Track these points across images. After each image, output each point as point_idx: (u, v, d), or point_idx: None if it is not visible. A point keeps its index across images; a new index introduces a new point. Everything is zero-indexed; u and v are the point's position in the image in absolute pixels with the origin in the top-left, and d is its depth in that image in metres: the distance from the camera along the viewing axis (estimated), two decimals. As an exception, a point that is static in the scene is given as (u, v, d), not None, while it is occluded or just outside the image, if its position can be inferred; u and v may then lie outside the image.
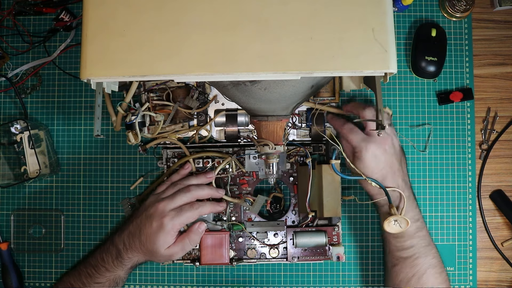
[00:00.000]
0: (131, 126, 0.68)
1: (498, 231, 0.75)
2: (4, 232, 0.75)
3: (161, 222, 0.63)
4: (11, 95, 0.76)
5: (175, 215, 0.63)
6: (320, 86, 0.62)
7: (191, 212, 0.64)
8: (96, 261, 0.66)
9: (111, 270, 0.65)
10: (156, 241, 0.63)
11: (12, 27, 0.76)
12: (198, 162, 0.71)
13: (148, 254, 0.65)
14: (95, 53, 0.52)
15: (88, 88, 0.76)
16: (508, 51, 0.77)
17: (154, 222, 0.63)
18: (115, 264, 0.65)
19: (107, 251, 0.66)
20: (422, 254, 0.64)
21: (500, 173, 0.76)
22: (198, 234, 0.66)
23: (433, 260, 0.65)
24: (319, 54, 0.51)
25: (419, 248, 0.64)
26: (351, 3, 0.52)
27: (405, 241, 0.64)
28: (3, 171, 0.73)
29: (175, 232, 0.64)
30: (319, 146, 0.72)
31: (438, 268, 0.65)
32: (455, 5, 0.73)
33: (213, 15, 0.52)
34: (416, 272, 0.64)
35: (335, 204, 0.65)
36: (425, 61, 0.72)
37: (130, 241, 0.64)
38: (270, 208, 0.73)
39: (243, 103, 0.61)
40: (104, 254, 0.66)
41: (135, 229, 0.65)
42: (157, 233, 0.63)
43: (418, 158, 0.75)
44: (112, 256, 0.65)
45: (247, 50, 0.51)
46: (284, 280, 0.74)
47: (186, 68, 0.51)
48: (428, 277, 0.64)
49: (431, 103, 0.75)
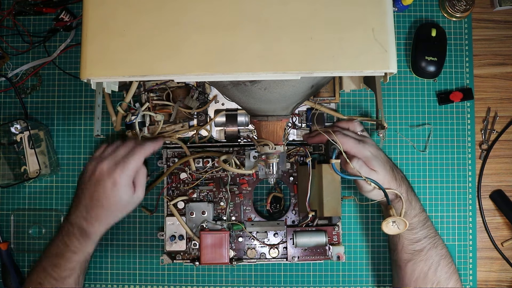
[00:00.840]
0: (131, 126, 0.68)
1: (498, 231, 0.76)
2: (4, 232, 0.75)
3: (113, 179, 0.61)
4: (11, 95, 0.76)
5: (123, 167, 0.61)
6: (320, 86, 0.62)
7: (135, 157, 0.62)
8: (59, 249, 0.62)
9: (78, 251, 0.62)
10: (120, 197, 0.61)
11: (12, 27, 0.76)
12: (198, 162, 0.71)
13: (119, 214, 0.63)
14: (95, 53, 0.52)
15: (88, 88, 0.76)
16: (508, 51, 0.77)
17: (106, 183, 0.61)
18: (82, 244, 0.62)
19: (68, 234, 0.62)
20: (433, 245, 0.65)
21: (500, 173, 0.76)
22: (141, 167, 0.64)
23: (442, 250, 0.66)
24: (319, 54, 0.51)
25: (430, 238, 0.65)
26: (351, 3, 0.52)
27: (417, 232, 0.65)
28: (3, 171, 0.73)
29: (130, 180, 0.62)
30: (319, 146, 0.72)
31: (448, 258, 0.66)
32: (455, 5, 0.73)
33: (213, 15, 0.52)
34: (431, 265, 0.65)
35: (335, 203, 0.65)
36: (425, 61, 0.72)
37: (92, 213, 0.62)
38: (270, 208, 0.74)
39: (243, 103, 0.61)
40: (66, 239, 0.62)
41: (90, 200, 0.62)
42: (114, 190, 0.61)
43: (418, 158, 0.75)
44: (75, 236, 0.62)
45: (247, 50, 0.51)
46: (284, 280, 0.74)
47: (186, 68, 0.51)
48: (443, 268, 0.65)
49: (431, 103, 0.75)
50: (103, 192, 0.61)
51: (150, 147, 0.65)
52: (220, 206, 0.72)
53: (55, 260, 0.62)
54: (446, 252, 0.67)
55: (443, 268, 0.65)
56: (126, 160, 0.62)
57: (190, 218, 0.71)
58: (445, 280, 0.65)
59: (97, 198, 0.62)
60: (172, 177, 0.72)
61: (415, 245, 0.65)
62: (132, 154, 0.63)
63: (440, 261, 0.65)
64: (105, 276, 0.75)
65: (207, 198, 0.72)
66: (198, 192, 0.72)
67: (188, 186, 0.72)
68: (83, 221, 0.62)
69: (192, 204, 0.71)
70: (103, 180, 0.61)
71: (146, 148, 0.64)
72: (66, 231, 0.63)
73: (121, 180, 0.61)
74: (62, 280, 0.62)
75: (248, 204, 0.72)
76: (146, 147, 0.65)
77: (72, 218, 0.63)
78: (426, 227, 0.66)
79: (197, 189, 0.72)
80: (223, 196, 0.72)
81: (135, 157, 0.63)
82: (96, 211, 0.62)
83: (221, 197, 0.72)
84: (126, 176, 0.61)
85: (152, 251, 0.75)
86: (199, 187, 0.72)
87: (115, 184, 0.61)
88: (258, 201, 0.75)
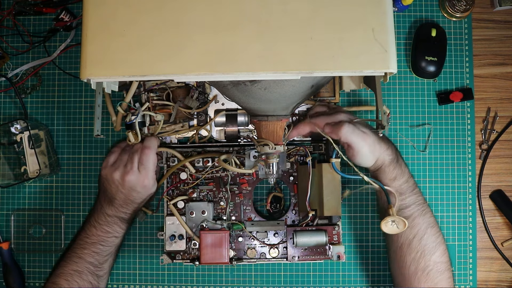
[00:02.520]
0: (131, 126, 0.68)
1: (498, 231, 0.76)
2: (4, 232, 0.75)
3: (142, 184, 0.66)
4: (11, 95, 0.76)
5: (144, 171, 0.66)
6: (320, 86, 0.62)
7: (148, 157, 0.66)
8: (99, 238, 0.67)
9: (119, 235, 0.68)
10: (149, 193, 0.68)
11: (12, 27, 0.76)
12: (198, 162, 0.71)
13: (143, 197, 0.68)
14: (95, 53, 0.52)
15: (88, 88, 0.76)
16: (508, 51, 0.77)
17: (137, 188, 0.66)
18: (122, 228, 0.68)
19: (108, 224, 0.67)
20: (421, 212, 0.64)
21: (500, 173, 0.76)
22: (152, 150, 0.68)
23: (431, 219, 0.65)
24: (319, 54, 0.51)
25: (418, 205, 0.64)
26: (351, 3, 0.52)
27: (404, 199, 0.64)
28: (3, 171, 0.73)
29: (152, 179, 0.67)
30: (319, 145, 0.72)
31: (436, 227, 0.65)
32: (455, 5, 0.73)
33: (213, 15, 0.52)
34: (416, 233, 0.63)
35: (335, 203, 0.65)
36: (425, 61, 0.73)
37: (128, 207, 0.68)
38: (270, 208, 0.74)
39: (243, 103, 0.61)
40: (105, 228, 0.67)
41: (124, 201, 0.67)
42: (144, 191, 0.67)
43: (418, 158, 0.75)
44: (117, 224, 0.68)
45: (247, 50, 0.51)
46: (284, 280, 0.74)
47: (186, 68, 0.51)
48: (429, 237, 0.63)
49: (431, 103, 0.75)
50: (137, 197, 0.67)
51: (154, 141, 0.69)
52: (220, 206, 0.72)
53: (95, 248, 0.67)
54: (434, 221, 0.65)
55: (430, 237, 0.63)
56: (130, 161, 0.66)
57: (190, 217, 0.71)
58: (430, 250, 0.63)
59: (132, 200, 0.67)
60: (172, 177, 0.72)
61: (402, 212, 0.64)
62: (134, 152, 0.67)
63: (427, 229, 0.63)
64: (105, 276, 0.75)
65: (207, 197, 0.72)
66: (198, 191, 0.72)
67: (188, 185, 0.72)
68: (122, 213, 0.68)
69: (192, 203, 0.71)
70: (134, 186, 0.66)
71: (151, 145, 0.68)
72: (104, 221, 0.67)
73: (148, 183, 0.66)
74: (99, 266, 0.67)
75: (248, 204, 0.72)
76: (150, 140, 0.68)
77: (109, 211, 0.68)
78: (413, 194, 0.64)
79: (197, 189, 0.72)
80: (223, 196, 0.72)
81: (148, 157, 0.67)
82: (132, 205, 0.68)
83: (221, 197, 0.72)
84: (149, 178, 0.66)
85: (152, 251, 0.75)
86: (199, 186, 0.72)
87: (144, 187, 0.66)
88: (258, 201, 0.75)
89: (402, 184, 0.64)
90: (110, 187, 0.67)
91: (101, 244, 0.67)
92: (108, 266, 0.69)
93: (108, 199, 0.68)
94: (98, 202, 0.69)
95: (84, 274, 0.66)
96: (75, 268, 0.66)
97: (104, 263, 0.68)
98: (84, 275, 0.66)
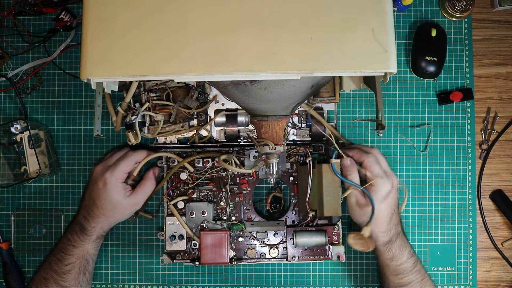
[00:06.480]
0: (131, 126, 0.68)
1: (498, 231, 0.76)
2: (4, 232, 0.75)
3: (104, 179, 0.66)
4: (11, 95, 0.76)
5: (113, 169, 0.66)
6: (320, 86, 0.62)
7: (126, 160, 0.68)
8: (63, 244, 0.67)
9: (78, 246, 0.66)
10: (109, 197, 0.66)
11: (12, 27, 0.76)
12: (198, 162, 0.71)
13: (111, 214, 0.67)
14: (95, 53, 0.52)
15: (88, 88, 0.76)
16: (508, 51, 0.77)
17: (99, 183, 0.66)
18: (80, 239, 0.66)
19: (71, 231, 0.67)
20: None
21: (500, 173, 0.76)
22: (152, 178, 0.70)
23: None
24: (319, 54, 0.51)
25: (416, 283, 0.65)
26: (351, 3, 0.52)
27: (403, 278, 0.65)
28: (3, 171, 0.73)
29: (120, 183, 0.67)
30: (319, 146, 0.72)
31: None
32: (455, 5, 0.73)
33: (213, 15, 0.52)
34: None
35: (335, 203, 0.65)
36: (425, 61, 0.73)
37: (89, 211, 0.67)
38: (270, 208, 0.74)
39: (243, 103, 0.61)
40: (69, 235, 0.67)
41: (88, 200, 0.67)
42: (105, 189, 0.66)
43: (418, 158, 0.75)
44: (76, 232, 0.67)
45: (247, 50, 0.51)
46: (284, 280, 0.74)
47: (186, 68, 0.51)
48: None
49: (431, 103, 0.75)
50: (96, 191, 0.66)
51: (143, 154, 0.70)
52: (220, 206, 0.72)
53: (58, 254, 0.67)
54: None
55: None
56: (117, 163, 0.67)
57: (190, 218, 0.71)
58: None
59: (93, 197, 0.67)
60: (172, 177, 0.72)
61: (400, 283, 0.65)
62: (123, 158, 0.68)
63: None
64: (105, 276, 0.75)
65: (207, 198, 0.72)
66: (198, 192, 0.72)
67: (188, 186, 0.72)
68: (83, 219, 0.67)
69: (192, 204, 0.71)
70: (96, 180, 0.67)
71: (138, 154, 0.69)
72: (70, 229, 0.68)
73: (110, 180, 0.66)
74: (62, 275, 0.66)
75: (248, 204, 0.72)
76: (138, 153, 0.70)
77: (76, 217, 0.69)
78: (414, 273, 0.65)
79: (197, 189, 0.72)
80: (223, 196, 0.72)
81: (126, 160, 0.68)
82: (93, 209, 0.67)
83: (221, 197, 0.72)
84: (114, 177, 0.66)
85: (152, 251, 0.75)
86: (199, 187, 0.72)
87: (104, 184, 0.66)
88: (258, 201, 0.75)
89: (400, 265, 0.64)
90: (89, 185, 0.68)
91: (63, 252, 0.67)
92: (73, 279, 0.66)
93: (83, 204, 0.68)
94: None
95: (50, 282, 0.66)
96: (44, 274, 0.67)
97: (67, 274, 0.66)
98: (50, 283, 0.66)
